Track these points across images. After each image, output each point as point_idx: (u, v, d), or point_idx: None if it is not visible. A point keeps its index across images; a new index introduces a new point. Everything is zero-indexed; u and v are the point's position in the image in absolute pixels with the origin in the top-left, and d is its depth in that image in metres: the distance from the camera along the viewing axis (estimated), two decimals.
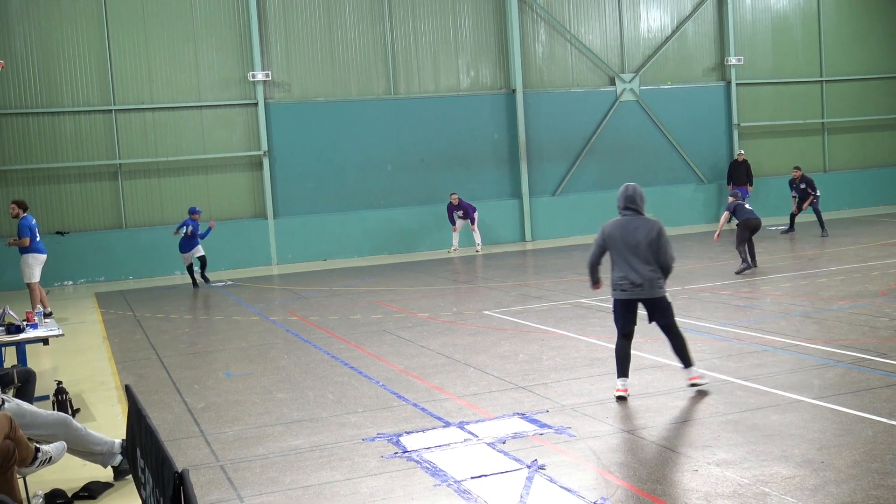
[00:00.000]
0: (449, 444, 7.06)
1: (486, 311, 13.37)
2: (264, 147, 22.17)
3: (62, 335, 9.61)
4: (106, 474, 6.72)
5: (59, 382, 8.56)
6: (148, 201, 21.63)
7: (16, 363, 9.24)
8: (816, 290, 13.42)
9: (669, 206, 25.55)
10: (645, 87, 25.74)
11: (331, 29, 22.82)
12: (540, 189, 24.74)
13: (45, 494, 6.33)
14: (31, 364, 9.35)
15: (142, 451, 5.37)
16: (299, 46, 22.61)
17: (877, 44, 28.44)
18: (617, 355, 8.20)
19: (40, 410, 6.53)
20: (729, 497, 5.66)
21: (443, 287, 16.62)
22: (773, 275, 15.32)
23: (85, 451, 6.54)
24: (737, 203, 16.35)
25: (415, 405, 8.31)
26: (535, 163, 24.64)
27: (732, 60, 26.37)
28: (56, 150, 20.92)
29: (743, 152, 25.83)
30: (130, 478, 6.39)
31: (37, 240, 15.18)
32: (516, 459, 6.63)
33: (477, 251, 22.39)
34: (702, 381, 8.16)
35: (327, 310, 14.54)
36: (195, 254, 18.76)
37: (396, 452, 6.93)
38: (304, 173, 22.67)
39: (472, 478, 6.30)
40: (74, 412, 8.54)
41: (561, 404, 8.01)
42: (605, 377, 8.87)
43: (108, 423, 8.30)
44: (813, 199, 21.02)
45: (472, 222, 22.38)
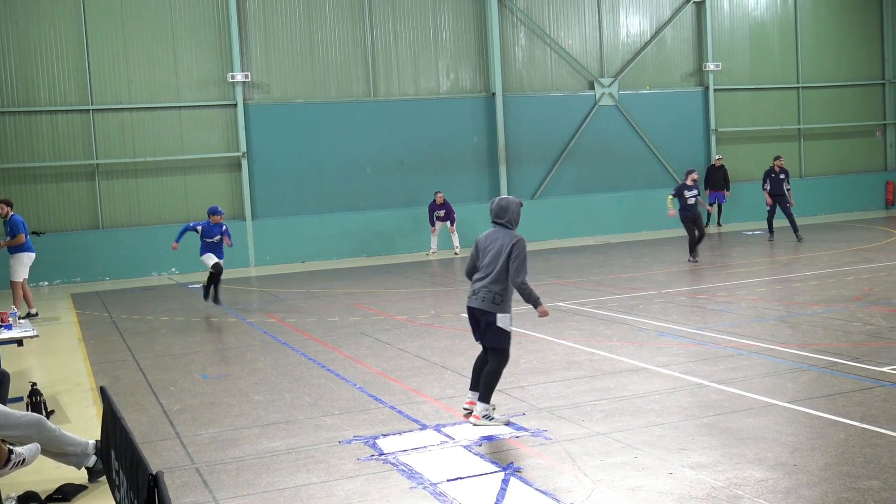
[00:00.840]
0: (425, 447, 7.07)
1: (464, 314, 13.35)
2: (243, 148, 22.10)
3: (37, 336, 9.53)
4: (80, 476, 6.68)
5: (34, 384, 8.50)
6: (125, 202, 21.50)
7: None
8: (791, 295, 13.54)
9: (647, 211, 25.72)
10: (624, 91, 25.88)
11: (310, 31, 22.79)
12: (519, 192, 24.78)
13: (19, 497, 6.27)
14: (4, 365, 9.26)
15: (116, 453, 5.34)
16: (279, 48, 22.56)
17: (852, 52, 28.76)
18: (473, 366, 7.94)
19: (13, 412, 6.47)
20: (702, 500, 5.70)
21: (421, 289, 16.63)
22: (748, 279, 15.44)
23: (59, 452, 6.49)
24: (682, 185, 17.08)
25: (392, 408, 8.31)
26: (514, 166, 24.71)
27: (710, 66, 26.56)
28: (33, 150, 20.75)
29: (720, 157, 26.03)
30: (104, 480, 6.35)
31: (28, 238, 15.28)
32: (492, 462, 6.66)
33: (456, 254, 22.43)
34: (479, 423, 7.48)
35: (305, 312, 14.51)
36: (214, 259, 15.13)
37: (373, 455, 6.94)
38: (283, 175, 22.62)
39: (447, 480, 6.31)
40: (49, 414, 8.48)
41: (537, 407, 8.04)
42: (582, 380, 8.91)
43: (83, 425, 8.25)
44: (789, 193, 20.93)
45: (452, 223, 22.41)
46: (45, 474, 6.78)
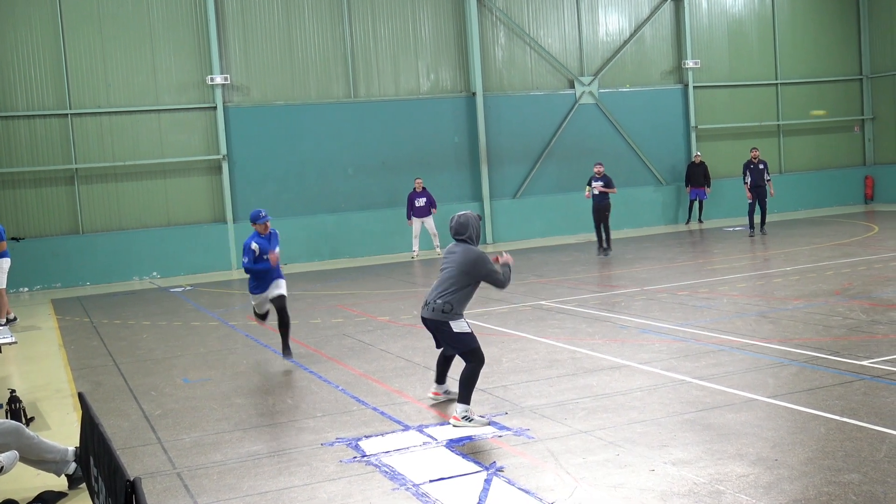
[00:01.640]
0: (408, 448, 7.06)
1: None
2: (223, 151, 22.01)
3: (15, 342, 9.46)
4: (59, 483, 6.63)
5: (13, 391, 8.42)
6: (105, 206, 21.37)
7: None
8: (772, 290, 13.61)
9: (628, 208, 25.79)
10: (604, 89, 25.95)
11: (290, 32, 22.73)
12: (500, 192, 24.83)
13: None
14: None
15: (95, 459, 5.31)
16: (258, 50, 22.49)
17: (830, 48, 28.95)
18: (437, 361, 8.40)
19: None
20: (685, 496, 5.72)
21: (403, 290, 16.61)
22: (729, 275, 15.51)
23: (38, 459, 6.44)
24: (591, 177, 17.69)
25: (374, 409, 8.30)
26: (495, 166, 24.73)
27: (690, 64, 26.67)
28: (10, 155, 20.60)
29: (700, 154, 26.16)
30: (84, 487, 6.31)
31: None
32: (475, 462, 6.65)
33: (438, 253, 22.40)
34: (459, 424, 7.43)
35: None
36: (273, 291, 10.83)
37: (355, 457, 6.92)
38: (264, 177, 22.55)
39: (430, 481, 6.30)
40: (28, 421, 8.41)
41: (520, 406, 8.05)
42: (564, 378, 8.92)
43: (63, 432, 8.19)
44: (769, 183, 21.18)
45: (433, 207, 22.09)
46: (24, 482, 6.73)
